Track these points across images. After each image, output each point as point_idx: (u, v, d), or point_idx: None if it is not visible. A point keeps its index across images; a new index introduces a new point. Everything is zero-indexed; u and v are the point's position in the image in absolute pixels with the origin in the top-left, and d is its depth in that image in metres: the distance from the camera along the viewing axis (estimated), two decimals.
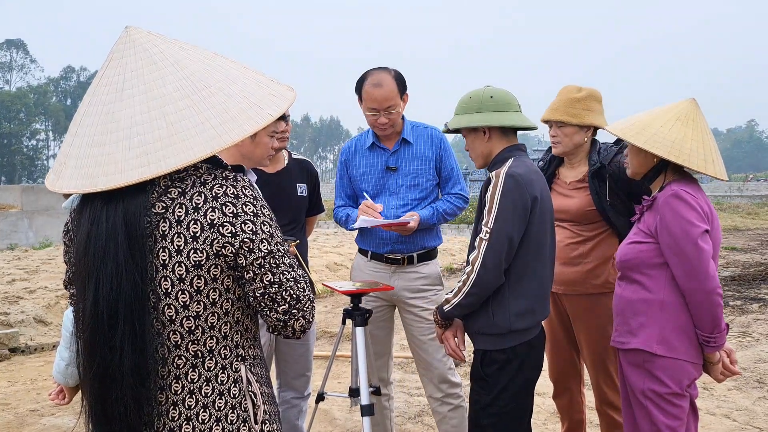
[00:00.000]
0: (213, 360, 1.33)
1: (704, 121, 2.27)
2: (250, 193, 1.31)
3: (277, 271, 1.31)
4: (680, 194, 2.14)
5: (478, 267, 2.14)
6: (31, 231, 17.21)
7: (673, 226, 2.11)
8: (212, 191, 1.27)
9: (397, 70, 2.94)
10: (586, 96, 2.83)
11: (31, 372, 5.29)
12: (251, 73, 1.39)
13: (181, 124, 1.24)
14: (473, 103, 2.30)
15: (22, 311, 6.48)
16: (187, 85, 1.28)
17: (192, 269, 1.26)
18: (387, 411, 3.20)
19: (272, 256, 1.30)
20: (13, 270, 8.75)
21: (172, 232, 1.25)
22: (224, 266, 1.29)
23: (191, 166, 1.29)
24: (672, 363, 2.16)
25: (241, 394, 1.35)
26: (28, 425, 4.09)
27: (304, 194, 3.05)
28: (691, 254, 2.07)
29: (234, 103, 1.29)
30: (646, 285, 2.22)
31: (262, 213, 1.31)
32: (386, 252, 3.00)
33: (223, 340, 1.34)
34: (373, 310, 3.02)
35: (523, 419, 2.28)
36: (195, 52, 1.36)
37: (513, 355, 2.20)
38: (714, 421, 4.00)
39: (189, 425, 1.30)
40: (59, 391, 1.80)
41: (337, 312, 7.33)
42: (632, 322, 2.24)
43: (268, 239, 1.30)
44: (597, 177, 2.82)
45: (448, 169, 3.05)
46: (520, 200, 2.14)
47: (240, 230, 1.27)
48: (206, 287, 1.28)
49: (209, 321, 1.31)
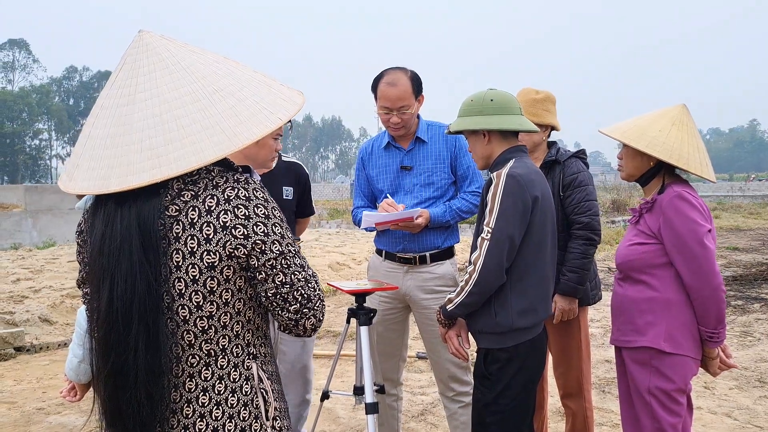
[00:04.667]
0: (226, 358, 1.35)
1: (694, 125, 2.34)
2: (261, 195, 1.34)
3: (288, 272, 1.34)
4: (684, 195, 2.20)
5: (479, 266, 2.17)
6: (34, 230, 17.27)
7: (679, 226, 2.16)
8: (224, 194, 1.30)
9: (414, 71, 2.95)
10: (544, 98, 3.05)
11: (36, 371, 5.32)
12: (261, 76, 1.41)
13: (192, 127, 1.26)
14: (474, 106, 2.34)
15: (27, 310, 6.51)
16: (198, 89, 1.30)
17: (205, 271, 1.28)
18: (395, 411, 3.22)
19: (284, 257, 1.33)
20: (18, 269, 8.79)
21: (185, 235, 1.28)
22: (237, 267, 1.31)
23: (203, 169, 1.31)
24: (679, 360, 2.21)
25: (253, 392, 1.38)
26: (35, 423, 4.12)
27: (290, 197, 3.06)
28: (698, 253, 2.13)
29: (244, 107, 1.31)
30: (651, 284, 2.26)
31: (273, 215, 1.34)
32: (398, 251, 3.01)
33: (235, 338, 1.36)
34: (386, 311, 3.03)
35: (525, 417, 2.31)
36: (205, 56, 1.38)
37: (515, 354, 2.23)
38: (715, 420, 4.02)
39: (203, 422, 1.33)
40: (71, 388, 1.83)
41: (341, 311, 7.36)
42: (638, 320, 2.28)
43: (279, 240, 1.33)
44: (548, 168, 3.03)
45: (464, 167, 3.03)
46: (521, 200, 2.17)
47: (252, 232, 1.29)
48: (219, 288, 1.31)
49: (222, 320, 1.33)
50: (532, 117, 2.92)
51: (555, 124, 3.08)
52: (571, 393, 3.14)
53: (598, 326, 6.51)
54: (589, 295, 3.07)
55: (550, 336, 2.98)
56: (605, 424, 3.98)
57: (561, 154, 3.07)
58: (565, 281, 2.90)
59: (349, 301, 7.50)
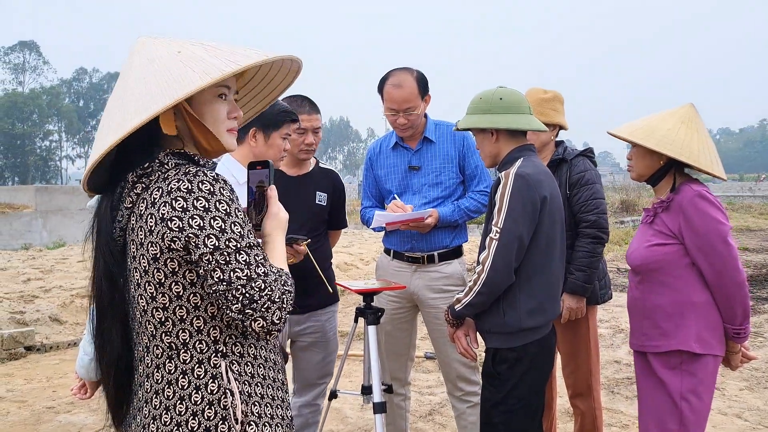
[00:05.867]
0: (188, 353, 1.33)
1: (703, 124, 2.32)
2: (207, 188, 1.28)
3: (227, 269, 1.26)
4: (704, 194, 2.19)
5: (488, 266, 2.16)
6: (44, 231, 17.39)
7: (702, 225, 2.16)
8: (168, 186, 1.29)
9: (420, 71, 2.95)
10: (552, 97, 3.06)
11: (46, 370, 5.36)
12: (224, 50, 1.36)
13: (130, 103, 1.30)
14: (483, 104, 2.33)
15: (38, 310, 6.56)
16: (147, 70, 1.32)
17: (152, 262, 1.30)
18: (402, 411, 3.22)
19: (220, 253, 1.26)
20: (28, 269, 8.84)
21: (137, 226, 1.32)
22: (180, 261, 1.29)
23: (156, 161, 1.34)
24: (710, 360, 2.21)
25: (221, 391, 1.33)
26: (45, 422, 4.15)
27: (323, 203, 2.96)
28: (722, 251, 2.14)
29: (175, 73, 1.29)
30: (674, 286, 2.23)
31: (216, 208, 1.28)
32: (406, 250, 3.01)
33: (198, 334, 1.33)
34: (394, 311, 3.03)
35: (534, 417, 2.30)
36: (177, 44, 1.37)
37: (524, 354, 2.22)
38: (726, 421, 4.00)
39: (167, 415, 1.32)
40: (81, 386, 1.85)
41: (348, 311, 7.36)
42: (665, 324, 2.24)
43: (216, 235, 1.26)
44: (555, 167, 3.02)
45: (473, 166, 3.04)
46: (529, 200, 2.16)
47: (187, 225, 1.26)
48: (167, 280, 1.31)
49: (178, 314, 1.32)
50: (541, 116, 2.92)
51: (563, 124, 3.08)
52: (580, 393, 3.13)
53: (607, 327, 6.48)
54: (597, 294, 3.06)
55: (559, 335, 2.97)
56: (614, 424, 3.97)
57: (568, 153, 3.07)
58: (573, 280, 2.89)
59: (356, 301, 7.51)
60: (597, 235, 2.93)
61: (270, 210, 1.47)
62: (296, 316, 2.85)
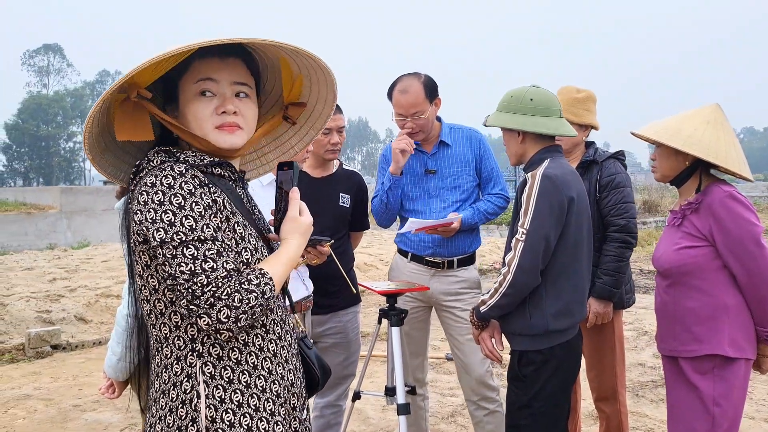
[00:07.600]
0: (169, 348, 1.32)
1: (729, 124, 2.27)
2: (167, 182, 1.27)
3: (173, 263, 1.23)
4: (735, 195, 2.15)
5: (514, 268, 2.14)
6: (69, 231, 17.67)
7: (734, 227, 2.11)
8: (142, 180, 1.31)
9: (428, 76, 2.95)
10: (585, 97, 3.02)
11: (72, 368, 5.44)
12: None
13: None
14: (513, 103, 2.31)
15: (64, 309, 6.66)
16: None
17: (134, 254, 1.33)
18: (422, 411, 3.22)
19: (166, 246, 1.23)
20: (54, 269, 8.97)
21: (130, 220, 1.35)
22: (150, 254, 1.29)
23: (145, 159, 1.35)
24: (743, 363, 2.17)
25: (193, 392, 1.28)
26: (71, 420, 4.21)
27: (346, 204, 2.99)
28: (756, 253, 2.09)
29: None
30: (706, 289, 2.19)
31: (169, 201, 1.25)
32: (427, 255, 3.02)
33: (176, 329, 1.31)
34: (410, 310, 3.03)
35: (560, 420, 2.28)
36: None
37: (550, 356, 2.20)
38: (753, 425, 3.92)
39: (156, 405, 1.33)
40: (109, 385, 1.87)
41: (368, 312, 7.37)
42: (697, 329, 2.20)
43: (165, 228, 1.23)
44: (585, 168, 2.99)
45: (488, 169, 3.06)
46: (556, 201, 2.14)
47: (144, 218, 1.26)
48: (145, 273, 1.32)
49: (158, 307, 1.32)
50: (573, 117, 2.89)
51: (595, 124, 3.04)
52: (606, 396, 3.09)
53: (631, 329, 6.41)
54: (624, 299, 3.02)
55: (584, 339, 2.94)
56: (639, 428, 3.92)
57: (599, 155, 3.03)
58: (601, 284, 2.85)
59: (376, 302, 7.51)
60: (626, 239, 2.89)
61: (288, 213, 1.43)
62: (319, 316, 2.87)
